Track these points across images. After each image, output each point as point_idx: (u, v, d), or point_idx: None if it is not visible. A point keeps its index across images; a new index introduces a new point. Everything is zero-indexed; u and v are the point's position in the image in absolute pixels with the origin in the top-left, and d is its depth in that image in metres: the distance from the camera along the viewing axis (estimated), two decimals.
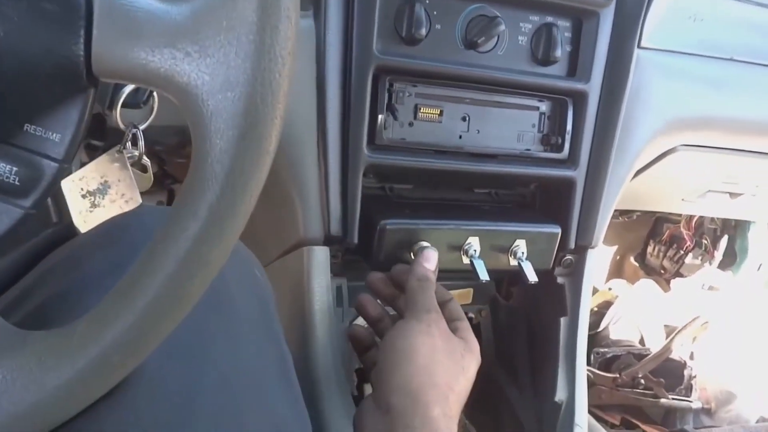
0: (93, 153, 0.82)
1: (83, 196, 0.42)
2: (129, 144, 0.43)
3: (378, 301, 0.60)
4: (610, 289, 1.36)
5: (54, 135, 0.26)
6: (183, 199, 0.26)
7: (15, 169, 0.26)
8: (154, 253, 0.26)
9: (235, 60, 0.25)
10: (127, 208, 0.43)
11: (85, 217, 0.42)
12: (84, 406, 0.26)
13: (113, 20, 0.25)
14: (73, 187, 0.42)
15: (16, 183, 0.26)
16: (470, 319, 0.84)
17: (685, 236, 1.36)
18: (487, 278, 0.62)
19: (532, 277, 0.63)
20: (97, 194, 0.42)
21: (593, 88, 0.66)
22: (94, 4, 0.25)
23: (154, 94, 0.42)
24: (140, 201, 0.44)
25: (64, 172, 0.27)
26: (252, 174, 0.26)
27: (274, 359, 0.37)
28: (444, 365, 0.50)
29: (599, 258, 0.97)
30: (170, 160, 0.68)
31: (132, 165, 0.43)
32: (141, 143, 0.42)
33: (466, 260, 0.63)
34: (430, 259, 0.58)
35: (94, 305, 0.26)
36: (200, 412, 0.30)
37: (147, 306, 0.25)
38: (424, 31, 0.58)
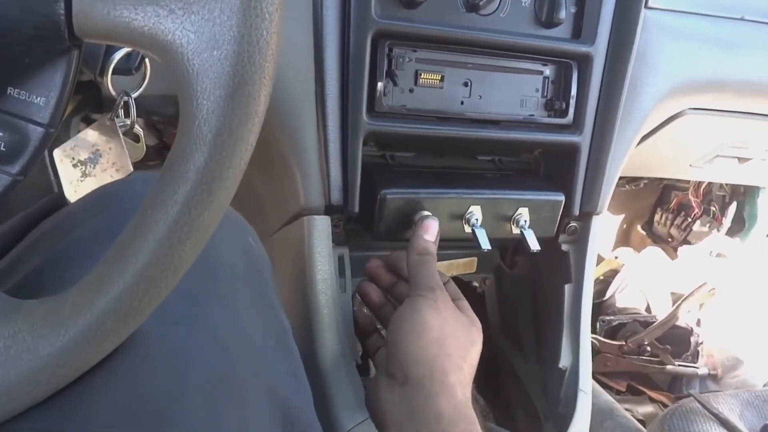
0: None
1: (74, 166, 0.41)
2: (122, 113, 0.42)
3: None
4: (616, 257, 1.35)
5: (38, 99, 0.26)
6: (171, 162, 0.25)
7: (0, 134, 0.26)
8: (144, 218, 0.25)
9: (220, 17, 0.24)
10: (118, 177, 0.42)
11: (75, 187, 0.42)
12: (79, 373, 0.26)
13: None
14: (64, 156, 0.41)
15: (2, 149, 0.26)
16: (474, 288, 0.83)
17: (693, 203, 1.34)
18: (489, 247, 0.61)
19: (534, 245, 0.63)
20: (88, 163, 0.41)
21: (599, 51, 0.64)
22: None
23: (147, 60, 0.41)
24: (131, 169, 0.43)
25: (51, 136, 0.26)
26: (241, 135, 0.25)
27: (271, 327, 0.37)
28: (454, 337, 0.52)
29: (604, 225, 0.96)
30: (168, 131, 0.67)
31: (124, 134, 0.42)
32: (133, 111, 0.42)
33: (467, 229, 0.62)
34: (430, 230, 0.57)
35: (85, 271, 0.26)
36: (195, 381, 0.29)
37: (139, 272, 0.25)
38: None
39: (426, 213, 0.60)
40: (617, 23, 0.65)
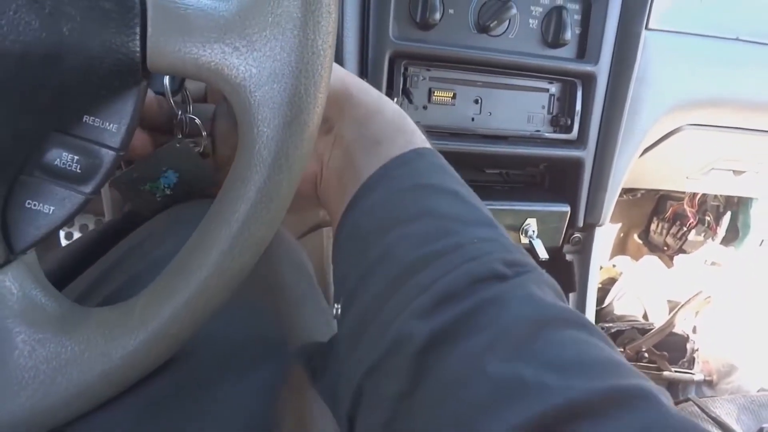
0: None
1: None
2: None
3: None
4: (614, 265, 1.39)
5: (111, 125, 0.28)
6: (232, 182, 0.28)
7: (77, 158, 0.28)
8: (207, 233, 0.28)
9: (280, 54, 0.27)
10: None
11: None
12: (146, 374, 0.29)
13: (166, 18, 0.27)
14: None
15: (78, 171, 0.28)
16: None
17: (689, 213, 1.38)
18: None
19: (543, 254, 0.65)
20: None
21: (602, 70, 0.68)
22: (147, 2, 0.27)
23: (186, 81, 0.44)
24: None
25: (120, 159, 0.29)
26: (296, 158, 0.28)
27: (326, 328, 0.39)
28: None
29: (606, 236, 0.99)
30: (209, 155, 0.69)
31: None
32: (202, 129, 0.43)
33: None
34: None
35: None
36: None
37: (203, 282, 0.28)
38: (438, 16, 0.59)
39: None
40: (619, 44, 0.68)
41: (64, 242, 0.88)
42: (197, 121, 0.41)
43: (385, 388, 0.26)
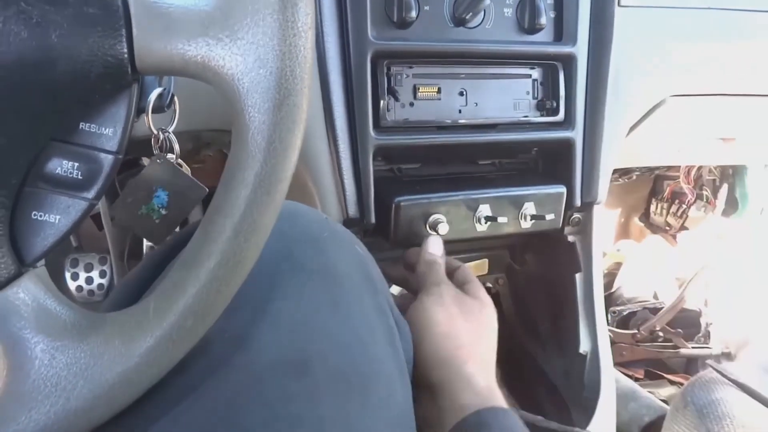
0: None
1: None
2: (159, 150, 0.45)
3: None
4: (618, 250, 1.39)
5: (107, 130, 0.29)
6: (230, 170, 0.28)
7: (77, 164, 0.29)
8: (212, 223, 0.28)
9: (263, 39, 0.27)
10: None
11: None
12: (165, 372, 0.29)
13: (150, 18, 0.28)
14: None
15: (80, 177, 0.29)
16: (488, 289, 0.86)
17: (686, 190, 1.38)
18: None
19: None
20: None
21: (580, 50, 0.69)
22: (130, 4, 0.28)
23: (176, 98, 0.45)
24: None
25: (119, 162, 0.30)
26: (290, 141, 0.28)
27: (382, 329, 0.39)
28: (464, 327, 0.51)
29: (604, 216, 0.99)
30: (187, 166, 0.70)
31: None
32: (176, 147, 0.45)
33: (480, 228, 0.66)
34: (435, 245, 0.60)
35: None
36: (321, 377, 0.32)
37: (211, 272, 0.28)
38: (414, 14, 0.60)
39: (440, 217, 0.63)
40: (594, 23, 0.69)
41: (70, 282, 0.89)
42: (173, 137, 0.42)
43: None
